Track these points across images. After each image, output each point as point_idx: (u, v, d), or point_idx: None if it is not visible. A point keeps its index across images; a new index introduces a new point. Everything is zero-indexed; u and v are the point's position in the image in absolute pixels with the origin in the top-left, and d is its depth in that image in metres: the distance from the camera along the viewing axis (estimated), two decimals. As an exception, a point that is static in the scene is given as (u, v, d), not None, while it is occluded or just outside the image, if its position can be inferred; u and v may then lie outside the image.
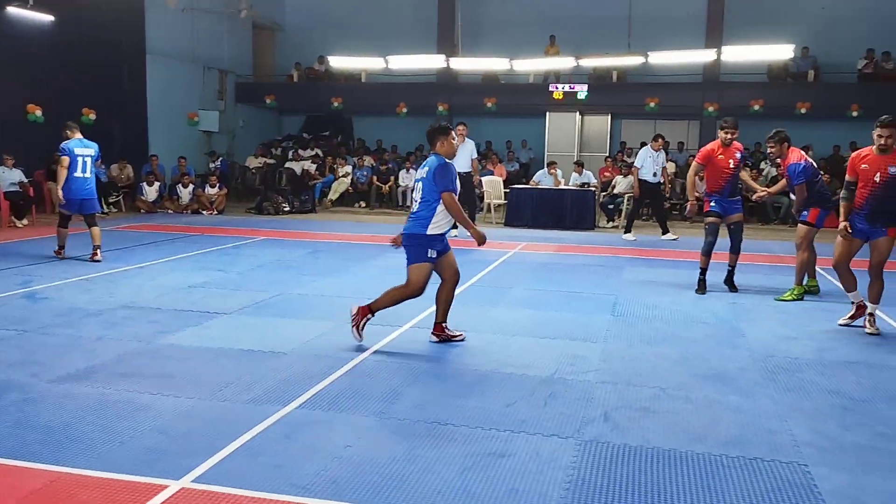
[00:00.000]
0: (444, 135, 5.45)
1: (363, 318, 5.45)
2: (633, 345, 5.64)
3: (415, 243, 5.44)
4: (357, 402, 4.26)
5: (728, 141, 7.71)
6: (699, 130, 19.31)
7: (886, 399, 4.50)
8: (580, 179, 14.05)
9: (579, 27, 19.98)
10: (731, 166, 7.67)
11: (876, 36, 18.37)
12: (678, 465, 3.50)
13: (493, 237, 11.96)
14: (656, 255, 10.40)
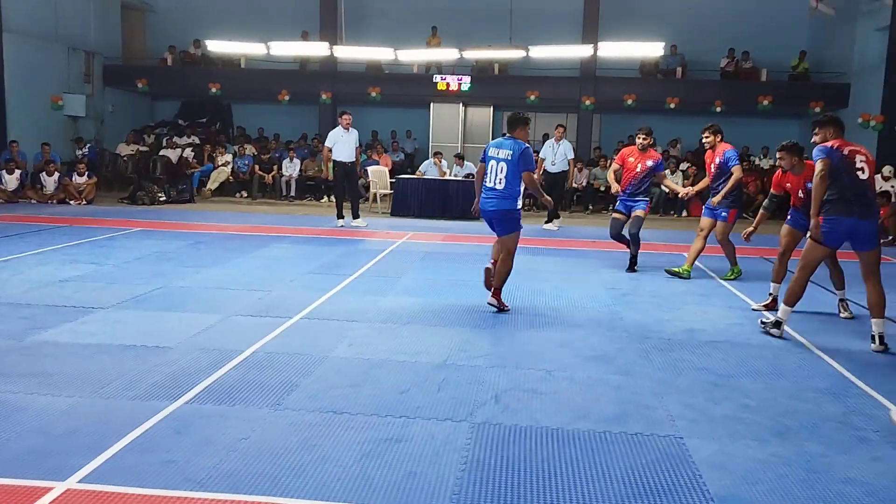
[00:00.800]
0: (525, 124, 6.55)
1: (500, 303, 6.35)
2: (521, 330, 5.84)
3: (510, 217, 6.41)
4: (250, 394, 4.20)
5: (643, 146, 8.33)
6: (577, 123, 20.00)
7: (749, 374, 4.89)
8: (462, 171, 14.27)
9: (461, 19, 20.24)
10: (638, 170, 8.32)
11: (737, 36, 19.66)
12: (565, 443, 3.68)
13: (380, 227, 12.06)
14: (538, 243, 10.74)
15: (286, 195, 16.73)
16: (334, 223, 12.00)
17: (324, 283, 7.28)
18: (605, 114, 20.38)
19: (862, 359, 5.27)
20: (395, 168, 17.44)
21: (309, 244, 9.95)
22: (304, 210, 14.70)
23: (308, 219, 13.08)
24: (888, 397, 4.45)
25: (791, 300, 5.71)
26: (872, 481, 3.36)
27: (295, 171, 16.88)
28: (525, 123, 6.52)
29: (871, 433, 3.91)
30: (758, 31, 19.73)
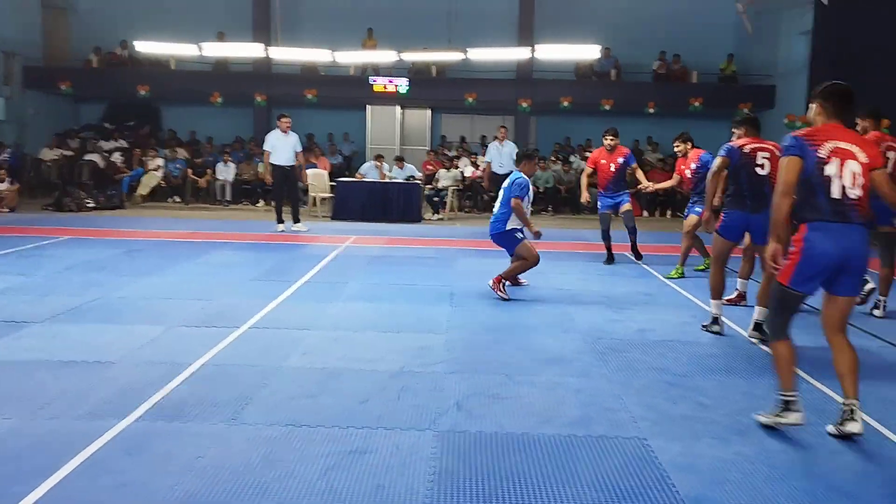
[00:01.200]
0: (530, 159, 7.42)
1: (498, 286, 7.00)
2: (475, 333, 5.79)
3: (505, 237, 7.28)
4: (203, 409, 4.03)
5: (611, 147, 8.92)
6: (514, 125, 20.13)
7: (702, 372, 4.96)
8: (403, 174, 14.18)
9: (397, 21, 20.11)
10: (612, 169, 8.97)
11: (668, 39, 20.11)
12: (532, 448, 3.65)
13: (322, 231, 11.86)
14: (486, 245, 10.71)
15: (221, 199, 16.32)
16: (274, 228, 11.75)
17: (269, 291, 7.08)
18: (542, 115, 20.56)
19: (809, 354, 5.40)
20: (332, 171, 17.19)
21: (250, 250, 9.70)
22: (241, 215, 14.36)
23: (246, 224, 12.77)
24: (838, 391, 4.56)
25: (714, 294, 5.97)
26: (833, 476, 3.43)
27: (230, 175, 16.48)
28: (529, 158, 7.39)
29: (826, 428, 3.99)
30: (688, 34, 20.22)
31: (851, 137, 3.85)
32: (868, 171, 3.77)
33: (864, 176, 3.75)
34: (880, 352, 5.63)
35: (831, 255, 3.71)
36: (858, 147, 3.80)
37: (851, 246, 3.72)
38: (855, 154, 3.77)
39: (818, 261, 3.73)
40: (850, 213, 3.73)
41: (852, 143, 3.80)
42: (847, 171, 3.74)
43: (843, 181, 3.73)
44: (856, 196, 3.73)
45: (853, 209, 3.73)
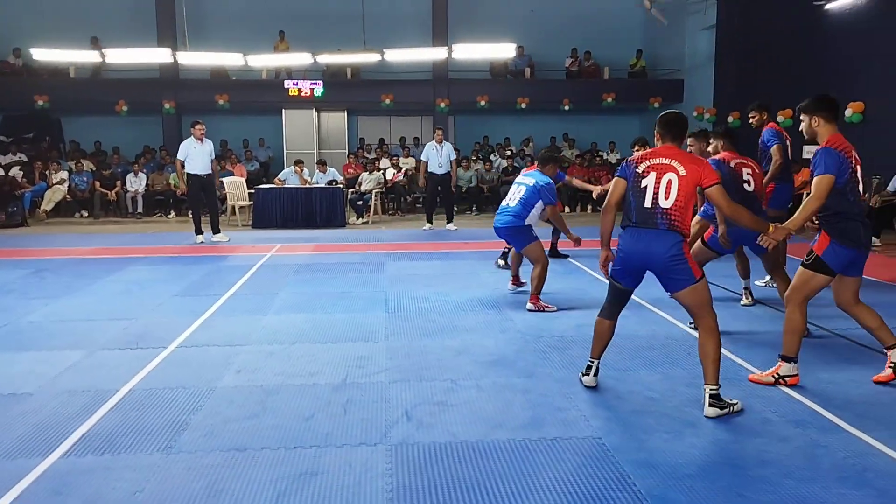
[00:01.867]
0: (555, 162, 7.14)
1: (539, 306, 6.59)
2: (415, 339, 5.66)
3: (520, 232, 6.72)
4: (136, 439, 3.77)
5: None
6: (432, 125, 20.07)
7: (644, 366, 4.98)
8: (325, 178, 13.90)
9: (310, 23, 19.79)
10: None
11: (579, 37, 20.48)
12: (488, 456, 3.56)
13: (244, 241, 11.49)
14: (413, 248, 10.62)
15: (133, 212, 15.61)
16: (193, 240, 11.30)
17: (195, 306, 6.77)
18: (460, 115, 20.60)
19: (746, 341, 5.53)
20: (249, 178, 16.73)
21: (169, 264, 9.27)
22: (155, 227, 13.77)
23: (162, 236, 12.25)
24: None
25: None
26: (785, 461, 3.48)
27: (141, 187, 15.79)
28: (555, 161, 7.14)
29: (771, 414, 4.06)
30: (597, 31, 20.64)
31: (675, 155, 4.12)
32: (689, 184, 4.04)
33: (681, 188, 4.03)
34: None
35: (634, 254, 4.13)
36: (679, 163, 4.08)
37: (649, 248, 4.07)
38: (674, 168, 4.07)
39: (626, 259, 4.19)
40: (656, 219, 4.05)
41: (674, 159, 4.10)
42: (662, 184, 4.06)
43: (658, 193, 4.06)
44: (666, 206, 4.04)
45: (661, 217, 4.04)
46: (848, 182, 4.29)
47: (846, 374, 4.73)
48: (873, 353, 5.16)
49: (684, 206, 4.04)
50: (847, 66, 12.94)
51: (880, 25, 12.14)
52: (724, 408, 4.03)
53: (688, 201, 4.06)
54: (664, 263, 4.05)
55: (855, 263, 4.43)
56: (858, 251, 4.38)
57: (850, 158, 4.31)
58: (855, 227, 4.35)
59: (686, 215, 4.07)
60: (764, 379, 4.59)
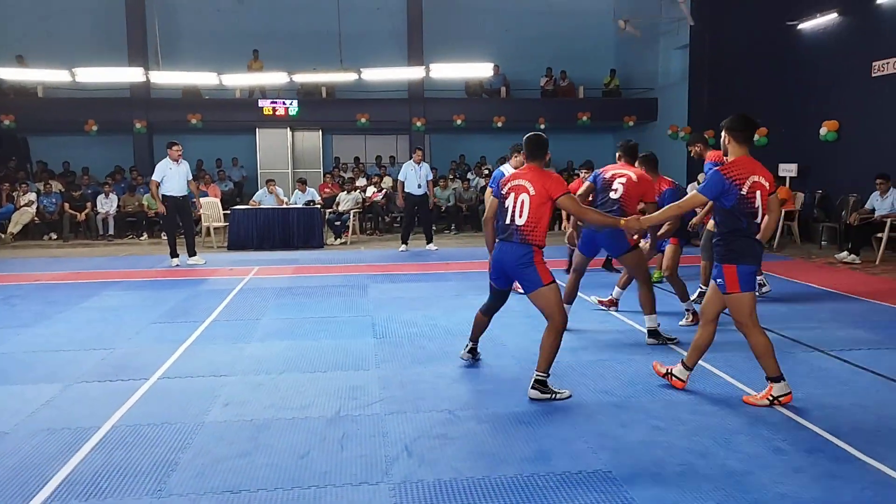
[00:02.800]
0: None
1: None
2: (406, 367, 5.50)
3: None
4: (123, 481, 3.55)
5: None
6: (409, 144, 19.98)
7: (645, 392, 4.87)
8: (305, 198, 13.70)
9: (284, 42, 19.67)
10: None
11: (553, 56, 20.58)
12: (497, 494, 3.40)
13: (221, 263, 11.24)
14: (396, 269, 10.46)
15: (104, 234, 15.24)
16: (168, 263, 11.02)
17: (174, 334, 6.54)
18: (435, 134, 20.54)
19: (741, 365, 5.44)
20: (223, 198, 16.45)
21: (145, 289, 9.00)
22: (127, 250, 13.43)
23: (135, 259, 11.94)
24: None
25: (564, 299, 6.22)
26: (802, 494, 3.37)
27: (112, 208, 15.44)
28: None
29: (781, 442, 3.97)
30: (571, 51, 20.79)
31: (530, 176, 4.72)
32: (539, 201, 4.66)
33: (532, 206, 4.65)
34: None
35: (497, 262, 4.87)
36: (530, 183, 4.69)
37: (504, 258, 4.78)
38: (527, 188, 4.69)
39: (494, 266, 4.92)
40: (513, 235, 4.72)
41: (527, 181, 4.71)
42: (518, 203, 4.70)
43: (514, 211, 4.71)
44: (520, 223, 4.69)
45: (515, 232, 4.70)
46: (737, 206, 4.41)
47: (848, 399, 4.67)
48: (874, 376, 5.12)
49: (536, 222, 4.67)
50: (821, 85, 13.10)
51: (853, 45, 12.32)
52: (546, 393, 4.67)
53: (540, 217, 4.67)
54: (514, 269, 4.75)
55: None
56: (757, 266, 4.60)
57: (739, 185, 4.39)
58: (749, 244, 4.49)
59: (538, 228, 4.69)
60: (759, 402, 4.55)
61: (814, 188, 13.16)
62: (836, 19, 12.71)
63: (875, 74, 11.77)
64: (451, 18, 20.51)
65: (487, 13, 20.73)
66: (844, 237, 11.24)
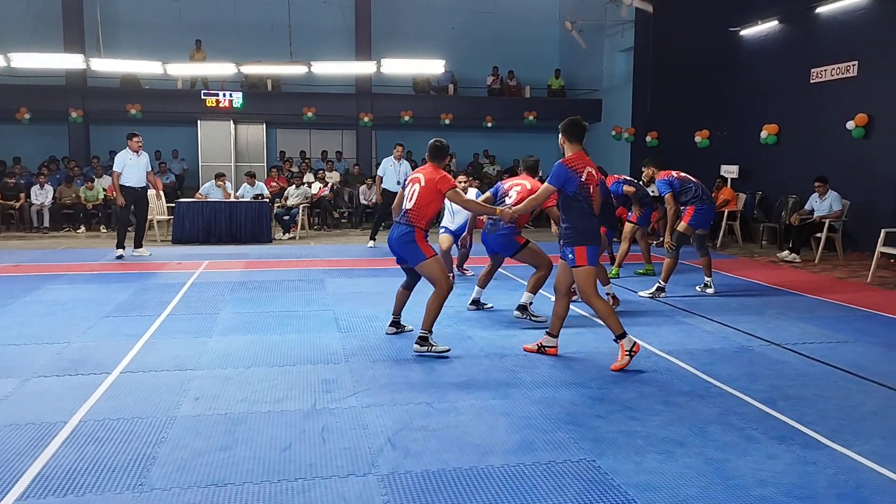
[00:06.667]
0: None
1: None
2: (376, 360, 5.46)
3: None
4: (100, 476, 3.42)
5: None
6: (356, 139, 19.85)
7: (617, 382, 4.96)
8: (253, 191, 13.45)
9: (228, 33, 19.27)
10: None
11: (500, 55, 20.73)
12: (487, 483, 3.41)
13: (167, 257, 10.94)
14: (349, 264, 10.37)
15: (38, 226, 14.64)
16: (112, 254, 10.68)
17: (131, 328, 6.34)
18: (382, 130, 20.45)
19: (704, 359, 5.60)
20: (165, 191, 15.98)
21: (91, 282, 8.69)
22: (64, 243, 12.94)
23: (75, 252, 11.52)
24: (742, 391, 4.73)
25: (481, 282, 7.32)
26: (780, 480, 3.48)
27: (47, 199, 14.84)
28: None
29: (753, 431, 4.09)
30: (517, 51, 20.99)
31: (426, 172, 5.64)
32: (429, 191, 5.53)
33: (421, 195, 5.54)
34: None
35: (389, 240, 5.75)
36: (424, 176, 5.61)
37: (391, 236, 5.70)
38: (419, 179, 5.62)
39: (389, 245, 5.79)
40: (402, 218, 5.62)
41: (423, 174, 5.64)
42: (411, 191, 5.62)
43: (407, 197, 5.64)
44: (408, 207, 5.60)
45: (405, 215, 5.60)
46: (578, 191, 5.20)
47: (809, 390, 4.85)
48: (830, 368, 5.34)
49: (423, 207, 5.53)
50: (762, 90, 13.56)
51: (793, 52, 12.79)
52: (425, 346, 5.53)
53: (426, 204, 5.53)
54: (398, 246, 5.62)
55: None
56: (598, 245, 5.36)
57: (579, 174, 5.19)
58: (594, 225, 5.33)
59: (422, 214, 5.53)
60: (622, 363, 5.23)
61: (754, 189, 13.62)
62: (776, 27, 13.18)
63: (813, 81, 12.26)
64: (399, 14, 20.47)
65: (435, 11, 20.75)
66: (785, 237, 11.67)
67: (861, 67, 11.35)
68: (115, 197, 10.91)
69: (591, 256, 5.25)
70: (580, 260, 5.23)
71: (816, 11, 12.12)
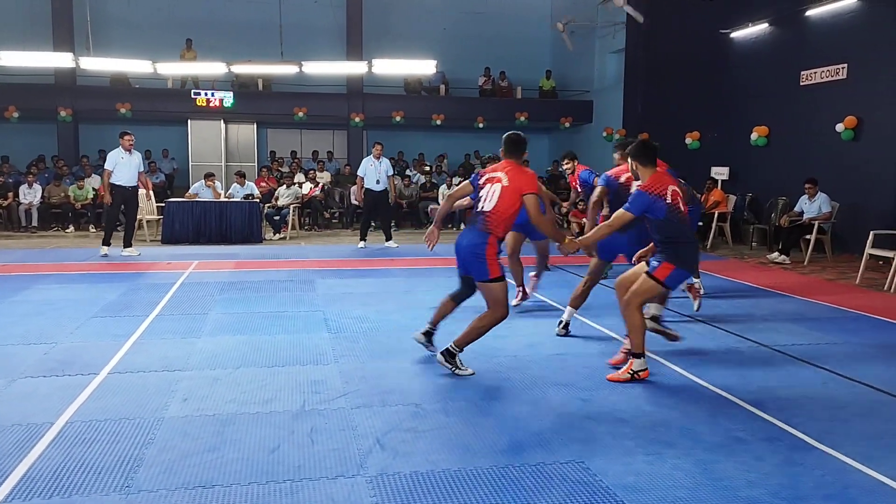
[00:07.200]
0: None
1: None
2: (366, 362, 5.45)
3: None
4: (87, 478, 3.40)
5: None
6: (347, 140, 19.82)
7: (606, 386, 4.95)
8: (243, 191, 13.40)
9: (218, 32, 19.22)
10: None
11: (491, 56, 20.74)
12: (476, 484, 3.41)
13: (157, 257, 10.89)
14: (339, 265, 10.35)
15: (26, 226, 14.55)
16: (98, 252, 10.64)
17: (119, 328, 6.31)
18: (373, 130, 20.42)
19: (692, 358, 5.61)
20: (154, 191, 15.91)
21: (80, 282, 8.64)
22: (53, 242, 12.87)
23: (63, 252, 11.45)
24: (731, 392, 4.74)
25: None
26: (769, 481, 3.49)
27: (36, 199, 14.75)
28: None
29: (741, 432, 4.10)
30: (509, 52, 21.00)
31: (509, 169, 4.94)
32: (511, 193, 4.86)
33: (503, 196, 4.86)
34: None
35: (456, 247, 5.06)
36: (508, 174, 4.91)
37: (460, 241, 5.03)
38: (500, 178, 4.92)
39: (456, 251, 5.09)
40: (478, 220, 4.95)
41: (505, 172, 4.93)
42: (490, 191, 4.91)
43: (484, 200, 4.93)
44: (486, 210, 4.90)
45: (482, 220, 4.92)
46: (668, 215, 4.83)
47: (798, 391, 4.87)
48: (817, 369, 5.36)
49: (504, 210, 4.86)
50: (752, 92, 13.62)
51: (783, 55, 12.85)
52: (450, 364, 5.02)
53: (508, 206, 4.86)
54: (466, 255, 4.96)
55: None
56: (690, 271, 5.07)
57: (663, 197, 4.82)
58: (691, 250, 5.02)
59: (501, 218, 4.88)
60: (622, 377, 4.98)
61: (744, 191, 13.68)
62: (767, 29, 13.24)
63: (803, 83, 12.31)
64: (391, 15, 20.46)
65: (426, 11, 20.75)
66: (774, 238, 11.72)
67: (850, 70, 11.42)
68: (102, 195, 10.88)
69: (672, 278, 4.90)
70: (661, 273, 4.86)
71: (806, 14, 12.18)
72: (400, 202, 15.17)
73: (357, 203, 13.67)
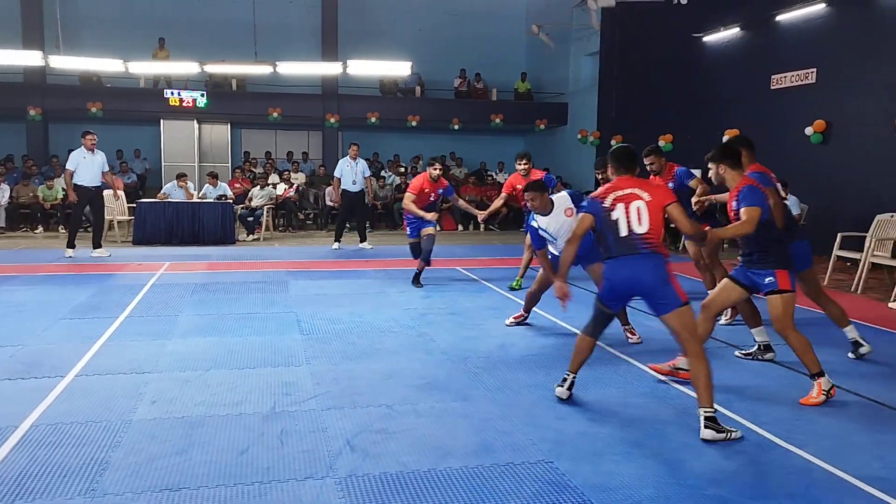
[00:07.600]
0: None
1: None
2: (338, 363, 5.43)
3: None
4: (51, 481, 3.36)
5: (436, 177, 8.65)
6: (322, 140, 19.75)
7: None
8: (216, 192, 13.30)
9: (192, 31, 19.05)
10: (431, 199, 8.73)
11: (467, 58, 20.77)
12: (445, 485, 3.42)
13: (127, 258, 10.78)
14: (313, 266, 10.31)
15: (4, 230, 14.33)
16: (63, 254, 10.52)
17: (88, 330, 6.23)
18: (348, 131, 20.36)
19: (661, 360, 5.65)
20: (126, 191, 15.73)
21: (48, 284, 8.52)
22: (21, 243, 12.69)
23: (32, 253, 11.30)
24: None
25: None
26: (735, 480, 3.53)
27: (4, 199, 14.53)
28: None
29: (709, 431, 4.14)
30: (484, 54, 21.06)
31: (642, 184, 4.38)
32: (657, 208, 4.28)
33: (651, 213, 4.26)
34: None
35: (621, 281, 4.30)
36: (642, 189, 4.33)
37: (635, 273, 4.25)
38: (638, 195, 4.30)
39: (613, 286, 4.36)
40: (637, 245, 4.24)
41: (643, 189, 4.34)
42: (632, 212, 4.27)
43: (630, 221, 4.27)
44: (641, 232, 4.25)
45: (643, 243, 4.24)
46: (769, 217, 4.70)
47: (765, 392, 4.94)
48: (785, 370, 5.43)
49: (658, 230, 4.26)
50: (724, 95, 13.79)
51: (754, 59, 13.02)
52: (721, 431, 4.00)
53: (659, 224, 4.28)
54: (654, 286, 4.22)
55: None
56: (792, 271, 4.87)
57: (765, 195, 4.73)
58: (787, 247, 4.91)
59: (659, 235, 4.28)
60: (815, 400, 4.67)
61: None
62: (738, 34, 13.41)
63: (774, 87, 12.49)
64: (366, 15, 20.40)
65: (402, 13, 20.74)
66: (744, 240, 11.84)
67: (819, 74, 11.60)
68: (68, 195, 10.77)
69: (792, 280, 4.74)
70: (784, 283, 4.67)
71: (777, 19, 12.35)
72: (375, 203, 15.16)
73: (333, 204, 13.63)
